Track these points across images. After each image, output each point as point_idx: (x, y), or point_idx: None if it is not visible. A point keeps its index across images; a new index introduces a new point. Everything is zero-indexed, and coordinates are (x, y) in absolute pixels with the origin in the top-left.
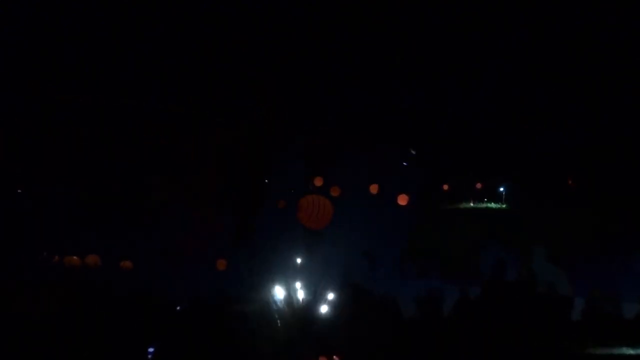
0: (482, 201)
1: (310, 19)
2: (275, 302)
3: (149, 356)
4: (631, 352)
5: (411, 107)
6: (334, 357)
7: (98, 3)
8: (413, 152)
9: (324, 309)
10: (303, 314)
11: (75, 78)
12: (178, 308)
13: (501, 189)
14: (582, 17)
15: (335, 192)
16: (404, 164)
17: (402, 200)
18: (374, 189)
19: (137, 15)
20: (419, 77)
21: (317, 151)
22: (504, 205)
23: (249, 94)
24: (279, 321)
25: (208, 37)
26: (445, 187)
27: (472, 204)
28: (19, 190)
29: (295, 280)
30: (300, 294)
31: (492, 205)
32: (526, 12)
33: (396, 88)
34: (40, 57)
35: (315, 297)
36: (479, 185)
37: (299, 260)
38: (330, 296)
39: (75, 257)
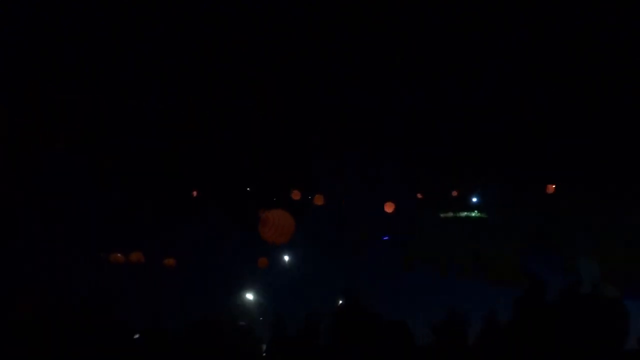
0: (462, 209)
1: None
2: (259, 324)
3: None
4: None
5: (395, 114)
6: None
7: (100, 3)
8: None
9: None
10: (294, 340)
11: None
12: (137, 336)
13: (475, 199)
14: (552, 27)
15: (318, 200)
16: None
17: (389, 207)
18: (318, 199)
19: (136, 16)
20: (402, 87)
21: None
22: (481, 214)
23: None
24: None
25: (205, 38)
26: (420, 195)
27: (452, 213)
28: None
29: (284, 297)
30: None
31: (472, 214)
32: (499, 24)
33: (381, 97)
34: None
35: (309, 318)
36: (454, 193)
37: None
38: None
39: (119, 255)
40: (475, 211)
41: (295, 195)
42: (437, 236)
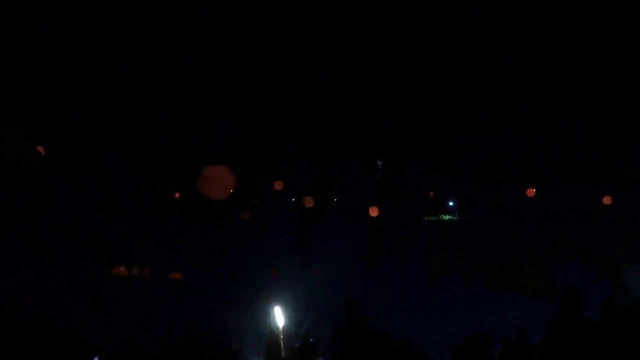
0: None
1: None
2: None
3: None
4: None
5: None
6: None
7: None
8: (379, 163)
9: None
10: None
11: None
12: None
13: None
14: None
15: (308, 203)
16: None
17: (373, 212)
18: (308, 202)
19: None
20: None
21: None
22: (455, 217)
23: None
24: None
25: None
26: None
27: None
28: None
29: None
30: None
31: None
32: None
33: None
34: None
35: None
36: (431, 194)
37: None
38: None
39: (122, 268)
40: (456, 214)
41: (308, 202)
42: (458, 244)
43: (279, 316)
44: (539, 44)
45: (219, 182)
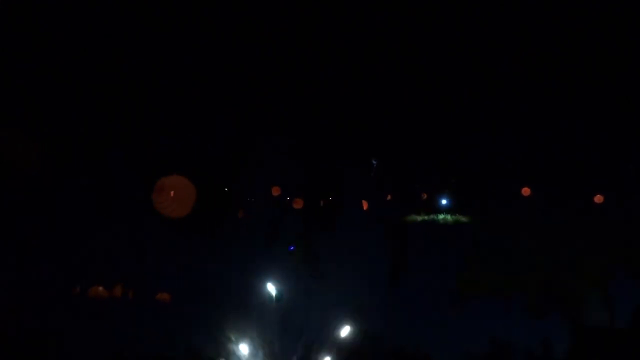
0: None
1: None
2: None
3: None
4: None
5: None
6: None
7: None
8: (374, 162)
9: None
10: None
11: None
12: None
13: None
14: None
15: (297, 204)
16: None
17: (363, 205)
18: (297, 203)
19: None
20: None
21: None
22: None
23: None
24: None
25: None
26: (389, 197)
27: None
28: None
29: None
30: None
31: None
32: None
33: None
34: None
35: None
36: (424, 196)
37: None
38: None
39: (101, 288)
40: (451, 214)
41: (297, 203)
42: (485, 255)
43: (271, 289)
44: (537, 44)
45: (176, 194)
